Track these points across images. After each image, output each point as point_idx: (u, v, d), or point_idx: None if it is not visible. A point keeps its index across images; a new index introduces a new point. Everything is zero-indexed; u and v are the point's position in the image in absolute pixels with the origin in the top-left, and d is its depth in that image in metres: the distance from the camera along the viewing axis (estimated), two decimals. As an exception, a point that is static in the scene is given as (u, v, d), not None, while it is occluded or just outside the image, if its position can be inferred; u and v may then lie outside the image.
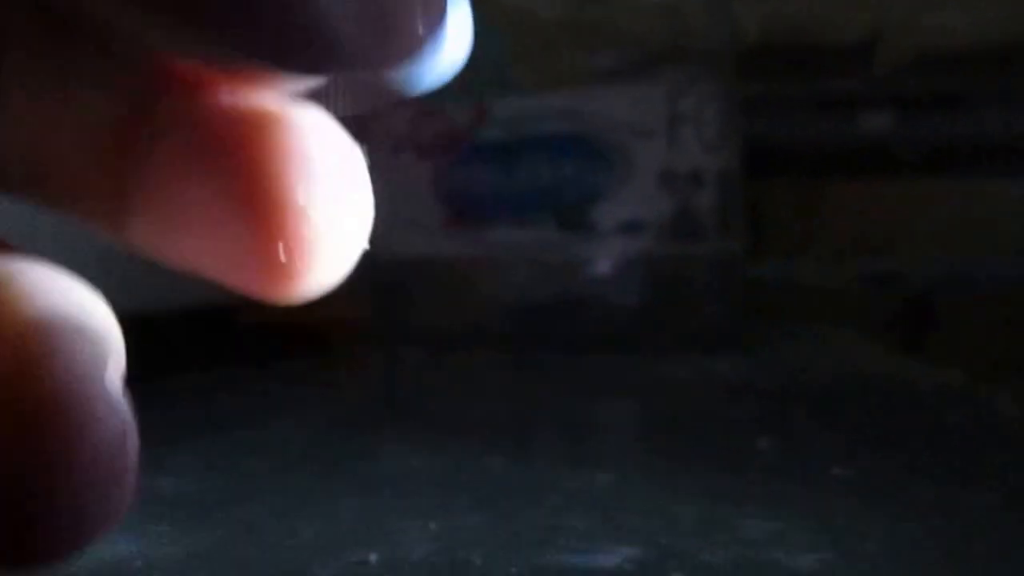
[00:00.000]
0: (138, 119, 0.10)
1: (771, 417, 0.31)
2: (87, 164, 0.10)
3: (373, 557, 0.19)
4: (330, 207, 0.09)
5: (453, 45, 0.10)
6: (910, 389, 0.38)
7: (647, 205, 0.43)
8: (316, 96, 0.10)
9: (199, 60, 0.09)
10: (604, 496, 0.22)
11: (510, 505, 0.21)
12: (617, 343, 0.44)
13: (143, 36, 0.09)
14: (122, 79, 0.10)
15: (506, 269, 0.46)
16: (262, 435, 0.30)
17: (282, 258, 0.09)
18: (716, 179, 0.44)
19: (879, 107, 1.13)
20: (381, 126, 0.48)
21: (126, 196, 0.10)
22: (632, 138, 0.43)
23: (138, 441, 0.08)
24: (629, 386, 0.36)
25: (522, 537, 0.20)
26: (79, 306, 0.09)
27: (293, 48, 0.08)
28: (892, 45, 1.14)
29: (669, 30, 0.44)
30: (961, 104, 1.13)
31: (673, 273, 0.43)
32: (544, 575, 0.19)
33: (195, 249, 0.10)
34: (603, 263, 0.44)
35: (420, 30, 0.09)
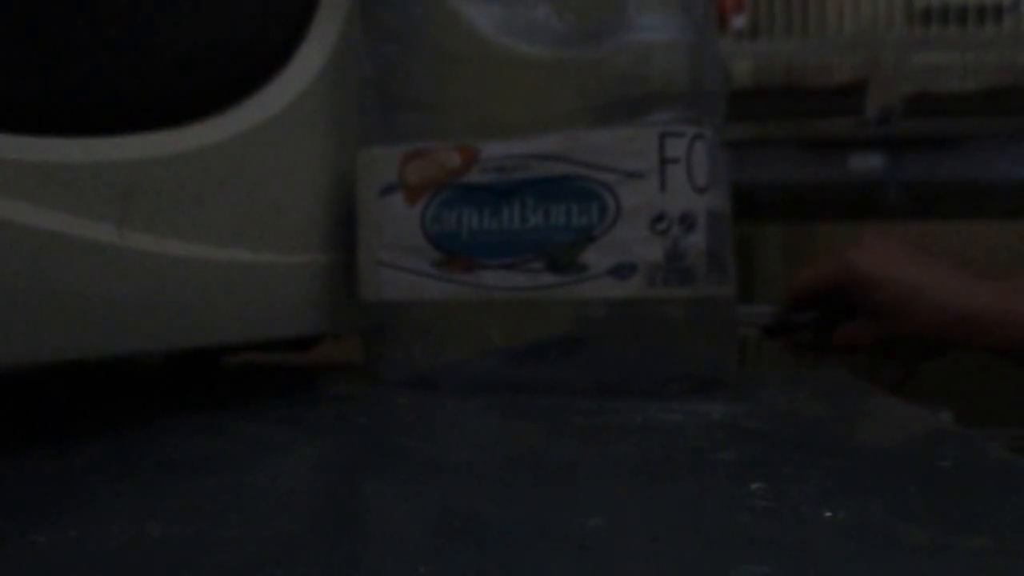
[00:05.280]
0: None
1: (762, 460, 0.31)
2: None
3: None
4: None
5: None
6: (901, 431, 0.38)
7: (638, 247, 0.43)
8: None
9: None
10: (594, 540, 0.22)
11: (499, 548, 0.21)
12: (607, 385, 0.44)
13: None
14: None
15: (496, 311, 0.46)
16: (248, 478, 0.29)
17: None
18: (707, 221, 0.44)
19: (870, 149, 1.15)
20: (372, 169, 0.48)
21: None
22: (623, 180, 0.43)
23: None
24: (619, 429, 0.36)
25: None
26: None
27: None
28: (883, 88, 1.15)
29: (660, 72, 0.44)
30: (951, 146, 1.14)
31: (664, 315, 0.43)
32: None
33: None
34: (594, 306, 0.44)
35: None
